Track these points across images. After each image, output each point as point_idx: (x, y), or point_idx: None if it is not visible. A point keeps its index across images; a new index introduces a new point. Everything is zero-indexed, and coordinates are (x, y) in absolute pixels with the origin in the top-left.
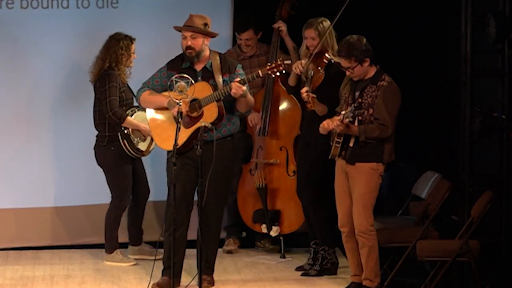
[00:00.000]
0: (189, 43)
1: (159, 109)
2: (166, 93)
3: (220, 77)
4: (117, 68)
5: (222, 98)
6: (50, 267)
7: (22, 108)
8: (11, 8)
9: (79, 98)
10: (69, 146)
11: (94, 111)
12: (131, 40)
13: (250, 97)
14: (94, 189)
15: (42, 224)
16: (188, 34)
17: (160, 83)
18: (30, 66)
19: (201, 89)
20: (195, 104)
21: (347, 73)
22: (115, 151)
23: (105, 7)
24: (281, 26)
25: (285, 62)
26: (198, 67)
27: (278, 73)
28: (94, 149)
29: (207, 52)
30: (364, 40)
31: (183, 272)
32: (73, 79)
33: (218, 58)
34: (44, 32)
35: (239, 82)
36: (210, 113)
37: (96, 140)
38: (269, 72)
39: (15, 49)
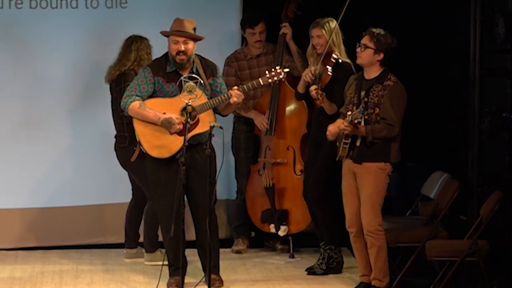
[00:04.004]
0: (182, 48)
1: None
2: (154, 101)
3: (206, 81)
4: (138, 69)
5: (218, 105)
6: (59, 267)
7: (31, 108)
8: (20, 8)
9: (88, 97)
10: (79, 146)
11: (112, 111)
12: (147, 40)
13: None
14: (103, 188)
15: (51, 224)
16: (181, 39)
17: (146, 89)
18: (39, 66)
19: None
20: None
21: (358, 50)
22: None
23: (114, 7)
24: (286, 30)
25: (284, 70)
26: (184, 72)
27: (277, 81)
28: (115, 150)
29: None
30: (395, 42)
31: (188, 273)
32: (82, 79)
33: (199, 61)
34: (53, 32)
35: (238, 90)
36: (208, 119)
37: (116, 141)
38: (269, 80)
39: (24, 49)
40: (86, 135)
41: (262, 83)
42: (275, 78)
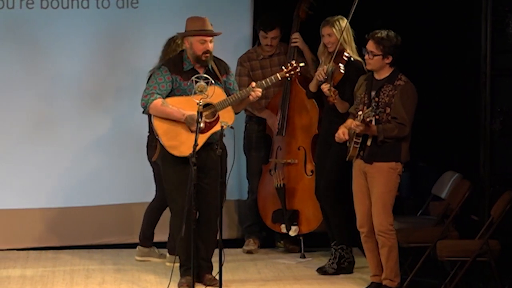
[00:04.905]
0: (210, 46)
1: None
2: (172, 99)
3: (221, 78)
4: None
5: (238, 101)
6: (70, 267)
7: (42, 108)
8: (31, 8)
9: (99, 98)
10: (90, 147)
11: None
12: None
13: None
14: (115, 189)
15: (62, 224)
16: (208, 38)
17: (165, 87)
18: (50, 66)
19: (215, 93)
20: (209, 109)
21: (365, 56)
22: None
23: (125, 7)
24: (297, 39)
25: (300, 64)
26: (201, 70)
27: (294, 76)
28: (147, 147)
29: None
30: (400, 39)
31: None
32: (93, 79)
33: (212, 59)
34: (64, 32)
35: (256, 85)
36: (228, 116)
37: (152, 140)
38: (287, 75)
39: (35, 49)
40: (97, 136)
41: (280, 78)
42: (292, 72)
